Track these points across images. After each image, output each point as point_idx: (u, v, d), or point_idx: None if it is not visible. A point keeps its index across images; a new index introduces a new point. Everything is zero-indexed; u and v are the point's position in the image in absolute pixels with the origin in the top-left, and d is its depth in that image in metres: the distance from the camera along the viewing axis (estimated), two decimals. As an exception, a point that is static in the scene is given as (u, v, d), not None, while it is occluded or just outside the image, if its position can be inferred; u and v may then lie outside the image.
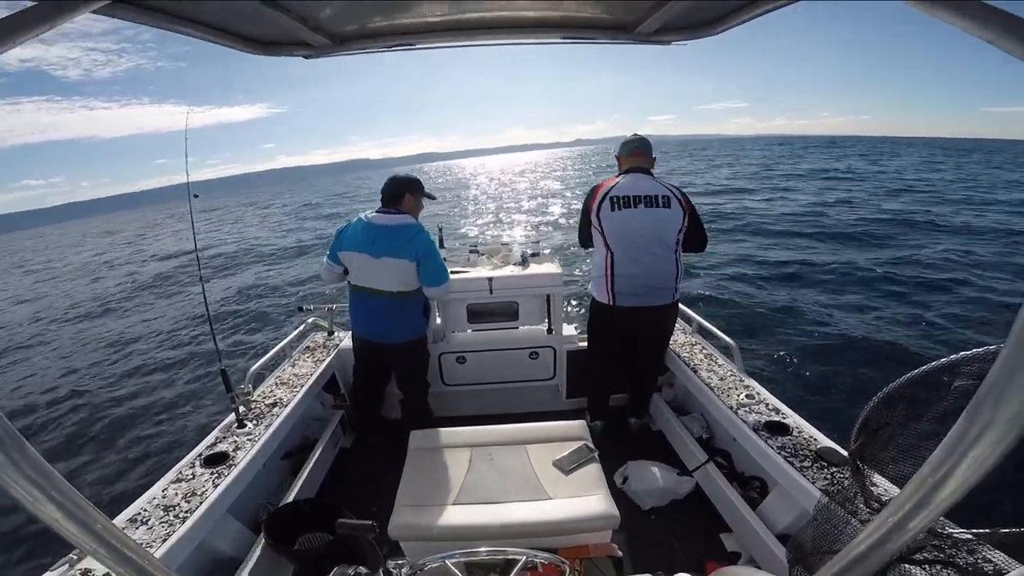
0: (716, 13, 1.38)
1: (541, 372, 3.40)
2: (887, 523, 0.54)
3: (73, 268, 19.03)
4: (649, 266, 2.66)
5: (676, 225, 2.63)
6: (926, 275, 8.88)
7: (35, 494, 0.48)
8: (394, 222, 2.63)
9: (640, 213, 2.63)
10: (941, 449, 0.47)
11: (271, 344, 3.10)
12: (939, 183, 26.17)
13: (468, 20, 1.45)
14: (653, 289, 2.69)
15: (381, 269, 2.61)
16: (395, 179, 2.74)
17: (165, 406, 5.65)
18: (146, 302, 10.54)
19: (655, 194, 2.64)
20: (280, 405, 2.61)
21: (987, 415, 0.42)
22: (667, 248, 2.65)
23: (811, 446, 2.16)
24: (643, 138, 2.83)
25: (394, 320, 2.72)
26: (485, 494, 1.88)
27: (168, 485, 2.02)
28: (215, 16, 1.22)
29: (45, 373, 6.98)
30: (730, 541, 2.35)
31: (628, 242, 2.65)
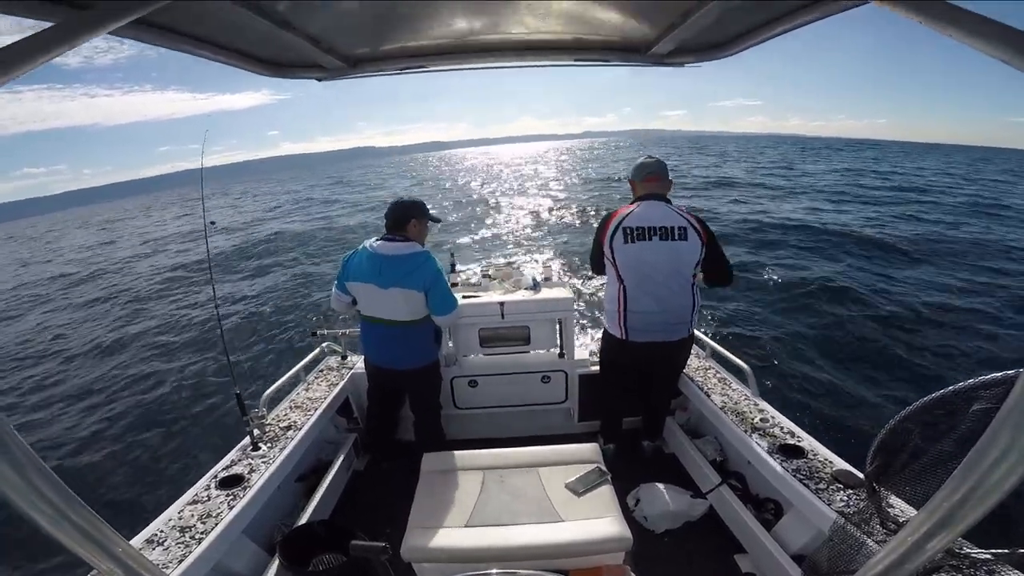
0: (729, 35, 1.40)
1: (553, 396, 3.40)
2: (905, 543, 0.55)
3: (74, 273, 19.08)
4: (665, 301, 2.56)
5: (694, 258, 2.52)
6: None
7: (54, 516, 0.50)
8: (400, 251, 2.57)
9: (655, 246, 2.51)
10: (960, 472, 0.48)
11: (285, 367, 3.13)
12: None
13: (481, 43, 1.47)
14: (668, 325, 2.60)
15: (389, 299, 2.58)
16: (399, 204, 2.67)
17: (180, 428, 5.69)
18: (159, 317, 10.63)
19: (671, 225, 2.50)
20: (294, 428, 2.64)
21: (1006, 440, 0.43)
22: (684, 281, 2.55)
23: (827, 468, 2.14)
24: (658, 161, 2.69)
25: (405, 348, 2.71)
26: (497, 516, 1.88)
27: (184, 506, 2.04)
28: (230, 39, 1.25)
29: (59, 393, 7.06)
30: (745, 563, 2.32)
31: (642, 275, 2.55)
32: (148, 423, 5.89)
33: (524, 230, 17.59)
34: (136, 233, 33.01)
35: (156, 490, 4.49)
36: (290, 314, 9.63)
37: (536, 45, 1.50)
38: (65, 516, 0.50)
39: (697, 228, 2.51)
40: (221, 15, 1.08)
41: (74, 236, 43.09)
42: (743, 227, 14.99)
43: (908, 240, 13.23)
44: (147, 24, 1.02)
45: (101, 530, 0.54)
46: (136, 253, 22.25)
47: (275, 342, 8.28)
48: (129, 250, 23.92)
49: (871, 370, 6.20)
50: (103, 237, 35.18)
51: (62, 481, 0.51)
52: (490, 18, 1.30)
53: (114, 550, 0.56)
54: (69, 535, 0.51)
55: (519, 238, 16.09)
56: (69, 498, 0.51)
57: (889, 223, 15.78)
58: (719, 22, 1.25)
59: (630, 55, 1.56)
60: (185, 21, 1.09)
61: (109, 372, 7.76)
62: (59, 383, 7.59)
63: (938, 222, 16.31)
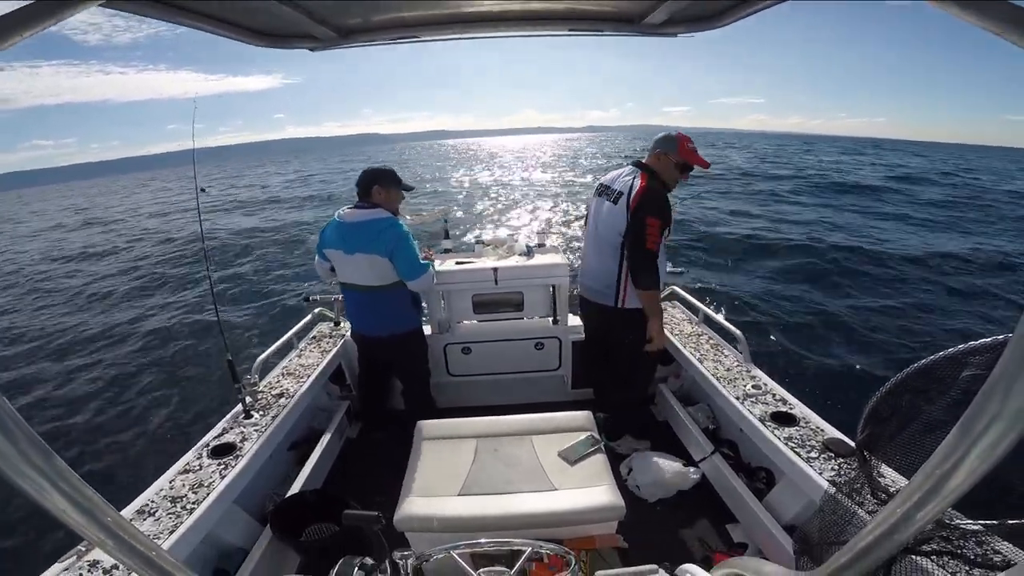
0: (722, 5, 1.37)
1: (546, 363, 3.40)
2: (895, 514, 0.54)
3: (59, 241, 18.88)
4: (589, 258, 2.68)
5: (616, 226, 2.46)
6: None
7: (43, 485, 0.48)
8: (363, 217, 2.58)
9: (597, 204, 2.62)
10: (949, 440, 0.46)
11: (278, 333, 3.11)
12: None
13: (473, 12, 1.44)
14: (593, 285, 2.67)
15: (355, 264, 2.60)
16: (365, 171, 2.68)
17: (171, 396, 5.67)
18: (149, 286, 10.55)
19: (614, 187, 2.54)
20: (287, 396, 2.62)
21: (995, 407, 0.42)
22: (607, 247, 2.53)
23: (818, 437, 2.15)
24: (665, 135, 2.58)
25: (380, 314, 2.72)
26: (490, 485, 1.88)
27: (175, 476, 2.03)
28: (221, 9, 1.23)
29: (44, 360, 7.02)
30: (737, 532, 2.35)
31: (588, 230, 2.71)
32: (139, 390, 5.87)
33: (525, 216, 17.57)
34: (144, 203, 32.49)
35: (147, 459, 4.49)
36: (282, 281, 9.58)
37: (529, 15, 1.48)
38: (54, 485, 0.49)
39: (628, 197, 2.43)
40: None
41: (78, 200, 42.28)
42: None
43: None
44: None
45: (91, 500, 0.52)
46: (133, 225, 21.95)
47: (267, 308, 8.25)
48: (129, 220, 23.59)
49: (864, 337, 6.26)
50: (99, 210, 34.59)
51: (51, 449, 0.49)
52: None
53: (104, 520, 0.54)
54: (58, 504, 0.50)
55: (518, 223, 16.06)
56: (58, 467, 0.49)
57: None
58: None
59: (623, 25, 1.54)
60: None
61: (97, 339, 7.71)
62: (43, 349, 7.55)
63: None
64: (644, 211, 2.38)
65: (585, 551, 1.80)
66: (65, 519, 0.51)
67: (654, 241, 2.39)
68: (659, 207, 2.39)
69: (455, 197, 22.11)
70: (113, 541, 0.55)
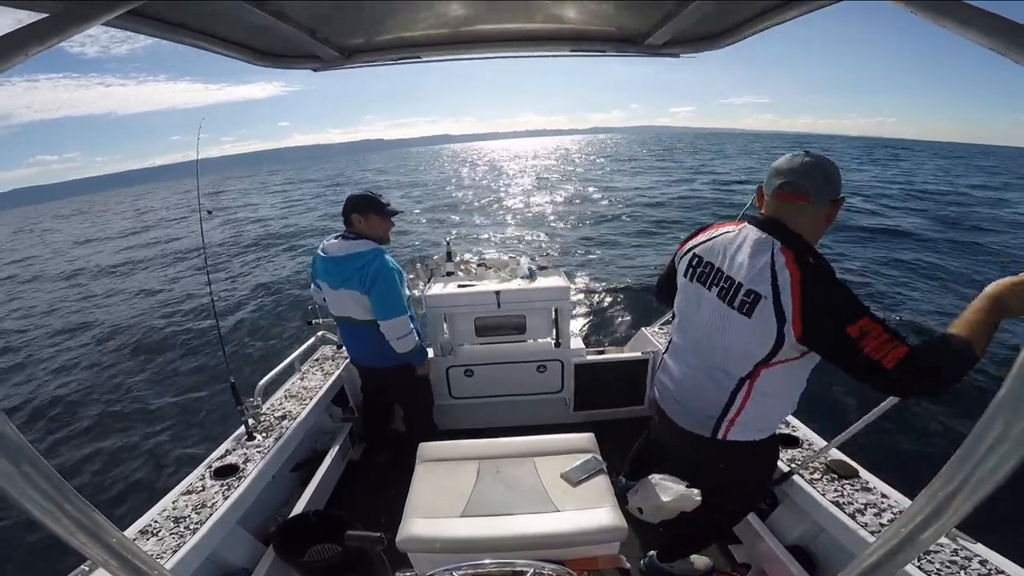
0: (725, 25, 1.38)
1: (549, 385, 3.40)
2: (899, 534, 0.55)
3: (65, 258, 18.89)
4: (691, 374, 1.73)
5: (751, 349, 1.46)
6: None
7: (47, 506, 0.49)
8: (344, 251, 2.47)
9: (711, 303, 1.57)
10: (953, 461, 0.48)
11: (281, 356, 3.12)
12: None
13: (476, 33, 1.46)
14: (684, 402, 1.78)
15: (341, 300, 2.54)
16: (348, 198, 2.54)
17: (173, 418, 5.68)
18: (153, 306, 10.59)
19: (740, 281, 1.46)
20: (289, 418, 2.63)
21: (999, 430, 0.43)
22: (721, 371, 1.59)
23: (821, 458, 2.15)
24: (816, 163, 1.44)
25: (373, 346, 2.61)
26: (493, 506, 1.88)
27: (178, 497, 2.03)
28: (224, 29, 1.24)
29: (48, 382, 7.03)
30: (739, 553, 2.33)
31: (687, 328, 1.75)
32: (142, 412, 5.87)
33: (527, 222, 17.61)
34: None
35: (150, 480, 4.48)
36: (285, 303, 9.61)
37: (531, 35, 1.49)
38: (58, 506, 0.50)
39: (787, 306, 1.35)
40: (215, 6, 1.06)
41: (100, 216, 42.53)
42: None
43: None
44: (140, 15, 1.00)
45: (95, 520, 0.54)
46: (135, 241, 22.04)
47: (270, 331, 8.26)
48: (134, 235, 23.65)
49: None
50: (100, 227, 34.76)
51: (55, 470, 0.50)
52: (485, 8, 1.29)
53: (108, 540, 0.55)
54: (62, 525, 0.51)
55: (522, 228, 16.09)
56: (62, 488, 0.50)
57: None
58: (715, 11, 1.25)
59: (626, 46, 1.55)
60: (178, 12, 1.07)
61: (101, 361, 7.73)
62: (48, 369, 7.56)
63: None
64: (835, 319, 1.29)
65: (587, 572, 1.79)
66: (69, 539, 0.52)
67: (882, 348, 1.23)
68: (846, 297, 1.31)
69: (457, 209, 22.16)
70: (116, 561, 0.56)
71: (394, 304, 2.47)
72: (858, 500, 1.89)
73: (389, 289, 2.45)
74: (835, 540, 1.90)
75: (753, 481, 1.88)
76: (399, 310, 2.49)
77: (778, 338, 1.37)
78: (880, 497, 1.89)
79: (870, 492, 1.93)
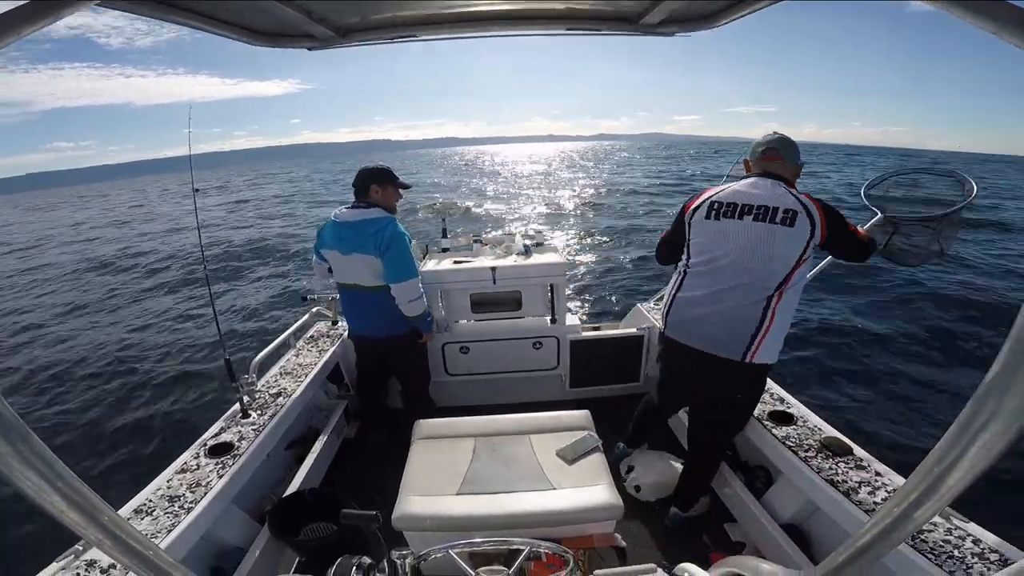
0: (718, 5, 1.40)
1: (545, 362, 3.40)
2: (892, 513, 0.55)
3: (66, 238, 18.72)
4: (721, 298, 1.98)
5: (793, 251, 1.86)
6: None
7: (40, 485, 0.49)
8: (359, 217, 2.56)
9: (743, 226, 1.92)
10: (946, 439, 0.47)
11: (275, 333, 3.10)
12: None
13: (471, 11, 1.46)
14: (714, 330, 2.01)
15: (352, 265, 2.59)
16: (362, 171, 2.65)
17: (169, 395, 5.67)
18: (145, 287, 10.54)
19: (776, 205, 1.89)
20: (284, 395, 2.62)
21: (992, 406, 0.43)
22: (762, 286, 1.91)
23: (816, 436, 2.16)
24: (780, 137, 2.06)
25: (380, 314, 2.68)
26: (489, 484, 1.88)
27: (173, 475, 2.02)
28: (221, 9, 1.24)
29: (42, 358, 7.01)
30: (735, 531, 2.35)
31: (711, 258, 2.00)
32: (136, 389, 5.86)
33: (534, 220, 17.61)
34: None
35: (144, 458, 4.49)
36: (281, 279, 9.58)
37: (527, 14, 1.49)
38: (52, 485, 0.49)
39: (814, 213, 1.86)
40: None
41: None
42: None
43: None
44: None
45: (88, 499, 0.53)
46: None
47: (265, 307, 8.25)
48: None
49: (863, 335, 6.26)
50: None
51: (47, 448, 0.49)
52: None
53: (101, 519, 0.54)
54: (54, 504, 0.50)
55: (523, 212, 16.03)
56: (56, 467, 0.50)
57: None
58: None
59: (620, 24, 1.56)
60: None
61: (93, 337, 7.70)
62: (42, 347, 7.53)
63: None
64: (843, 222, 1.92)
65: (583, 550, 1.79)
66: (62, 518, 0.51)
67: (859, 230, 2.01)
68: (840, 212, 1.94)
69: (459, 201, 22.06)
70: (110, 540, 0.56)
71: (407, 267, 2.57)
72: (852, 478, 1.90)
73: (402, 252, 2.54)
74: (829, 518, 1.92)
75: (756, 401, 2.27)
76: (412, 273, 2.58)
77: (810, 238, 1.85)
78: (874, 475, 1.90)
79: (864, 470, 1.94)
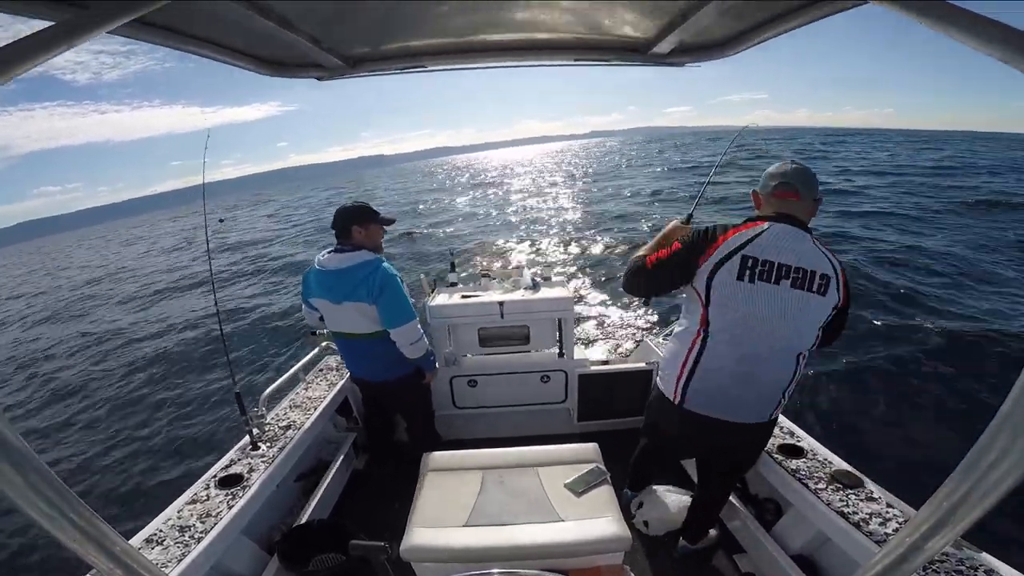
0: (728, 35, 1.40)
1: (552, 395, 3.40)
2: (904, 543, 0.55)
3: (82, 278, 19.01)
4: (757, 366, 1.81)
5: (821, 320, 1.76)
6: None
7: (53, 515, 0.50)
8: (344, 264, 2.41)
9: (780, 294, 1.72)
10: (958, 472, 0.48)
11: (285, 367, 3.13)
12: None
13: (480, 42, 1.47)
14: (743, 398, 1.87)
15: (344, 313, 2.48)
16: (340, 211, 2.50)
17: (178, 428, 5.69)
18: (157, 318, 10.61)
19: (812, 269, 1.71)
20: (294, 428, 2.63)
21: (1004, 442, 0.44)
22: (792, 352, 1.80)
23: (826, 468, 2.14)
24: (800, 168, 1.81)
25: (377, 360, 2.61)
26: (496, 516, 1.88)
27: (183, 506, 2.03)
28: (230, 38, 1.25)
29: (55, 392, 7.06)
30: (744, 562, 2.32)
31: (744, 328, 1.78)
32: (147, 422, 5.89)
33: (530, 226, 17.67)
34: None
35: (155, 490, 4.48)
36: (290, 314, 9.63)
37: (536, 45, 1.50)
38: (64, 515, 0.51)
39: (840, 280, 1.74)
40: (221, 14, 1.08)
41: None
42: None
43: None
44: (146, 24, 1.02)
45: (100, 529, 0.54)
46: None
47: (275, 342, 8.28)
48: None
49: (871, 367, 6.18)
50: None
51: (60, 480, 0.51)
52: (489, 17, 1.30)
53: (113, 549, 0.56)
54: (68, 534, 0.51)
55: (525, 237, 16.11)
56: (68, 497, 0.51)
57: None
58: (718, 22, 1.26)
59: (630, 55, 1.56)
60: (185, 20, 1.08)
61: (107, 371, 7.76)
62: (55, 381, 7.59)
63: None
64: (848, 288, 1.80)
65: (591, 583, 1.78)
66: (74, 548, 0.53)
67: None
68: None
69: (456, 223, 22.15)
70: (122, 570, 0.57)
71: (404, 310, 2.45)
72: (863, 509, 1.88)
73: (397, 295, 2.43)
74: (840, 549, 1.89)
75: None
76: (409, 315, 2.47)
77: (836, 305, 1.74)
78: (885, 507, 1.88)
79: (875, 502, 1.92)
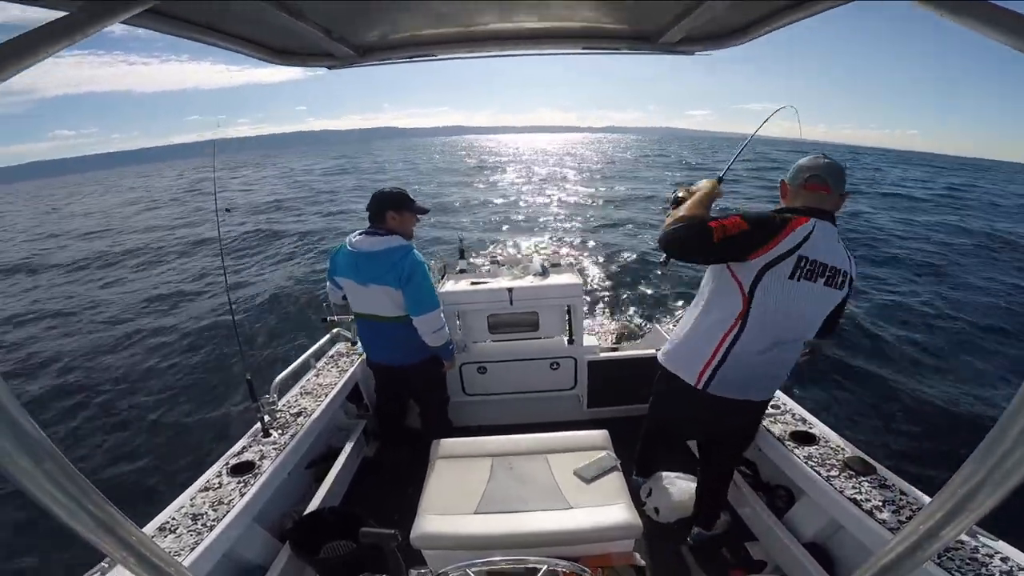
0: (740, 23, 1.38)
1: (562, 382, 3.40)
2: (918, 531, 0.55)
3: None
4: (777, 351, 1.91)
5: (827, 311, 1.89)
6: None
7: (68, 504, 0.50)
8: (376, 247, 2.45)
9: (815, 291, 1.80)
10: (972, 460, 0.47)
11: (297, 353, 3.14)
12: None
13: (489, 31, 1.46)
14: (760, 380, 1.99)
15: (370, 295, 2.51)
16: (377, 195, 2.52)
17: (190, 415, 5.75)
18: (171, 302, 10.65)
19: (839, 267, 1.82)
20: (305, 415, 2.65)
21: (1019, 427, 0.43)
22: (802, 339, 1.96)
23: (839, 455, 2.12)
24: (831, 163, 1.85)
25: (398, 343, 2.63)
26: (506, 503, 1.88)
27: (196, 493, 2.05)
28: (241, 28, 1.26)
29: (68, 381, 7.13)
30: (756, 550, 2.32)
31: (780, 319, 1.84)
32: (159, 409, 5.95)
33: (543, 215, 17.61)
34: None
35: (168, 477, 4.54)
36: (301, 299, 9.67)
37: (545, 33, 1.49)
38: (78, 503, 0.51)
39: (852, 275, 1.87)
40: (233, 4, 1.08)
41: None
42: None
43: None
44: (158, 13, 1.02)
45: (114, 518, 0.55)
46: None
47: (286, 328, 8.32)
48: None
49: (884, 354, 6.15)
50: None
51: (75, 468, 0.52)
52: (499, 6, 1.29)
53: (126, 538, 0.56)
54: (82, 523, 0.52)
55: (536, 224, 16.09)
56: (82, 485, 0.52)
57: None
58: (729, 9, 1.25)
59: (640, 43, 1.54)
60: (196, 10, 1.09)
61: (119, 359, 7.83)
62: (68, 370, 7.66)
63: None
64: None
65: (601, 569, 1.78)
66: (88, 536, 0.53)
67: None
68: None
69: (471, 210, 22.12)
70: (135, 558, 0.57)
71: (429, 298, 2.49)
72: (876, 497, 1.86)
73: (424, 283, 2.46)
74: (853, 537, 1.88)
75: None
76: (434, 303, 2.50)
77: (844, 296, 1.88)
78: (899, 494, 1.87)
79: (888, 489, 1.90)
